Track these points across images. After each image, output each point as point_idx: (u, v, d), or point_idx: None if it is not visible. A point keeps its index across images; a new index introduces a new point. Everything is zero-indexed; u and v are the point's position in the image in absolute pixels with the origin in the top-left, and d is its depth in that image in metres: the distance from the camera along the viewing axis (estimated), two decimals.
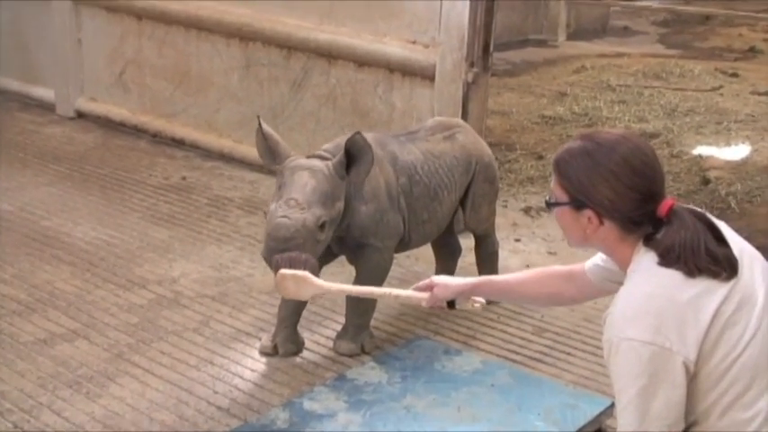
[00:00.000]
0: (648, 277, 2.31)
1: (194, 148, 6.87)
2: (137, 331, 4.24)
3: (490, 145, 6.83)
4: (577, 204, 2.38)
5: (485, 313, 4.49)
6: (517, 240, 5.43)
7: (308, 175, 3.65)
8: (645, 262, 2.34)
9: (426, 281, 2.93)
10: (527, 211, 5.90)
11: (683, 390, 2.25)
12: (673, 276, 2.28)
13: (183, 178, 6.35)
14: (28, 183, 6.15)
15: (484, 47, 5.30)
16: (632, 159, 2.33)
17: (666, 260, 2.30)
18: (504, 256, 4.87)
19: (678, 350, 2.22)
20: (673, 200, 2.36)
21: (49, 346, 4.08)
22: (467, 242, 4.71)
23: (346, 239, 3.91)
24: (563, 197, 2.41)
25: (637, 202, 2.33)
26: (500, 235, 5.09)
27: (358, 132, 3.65)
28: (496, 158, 6.62)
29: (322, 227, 3.60)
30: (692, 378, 2.26)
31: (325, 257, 4.05)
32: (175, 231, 5.42)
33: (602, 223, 2.37)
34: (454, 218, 4.46)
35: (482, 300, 2.92)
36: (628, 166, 2.32)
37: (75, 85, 7.60)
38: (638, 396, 2.24)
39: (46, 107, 7.78)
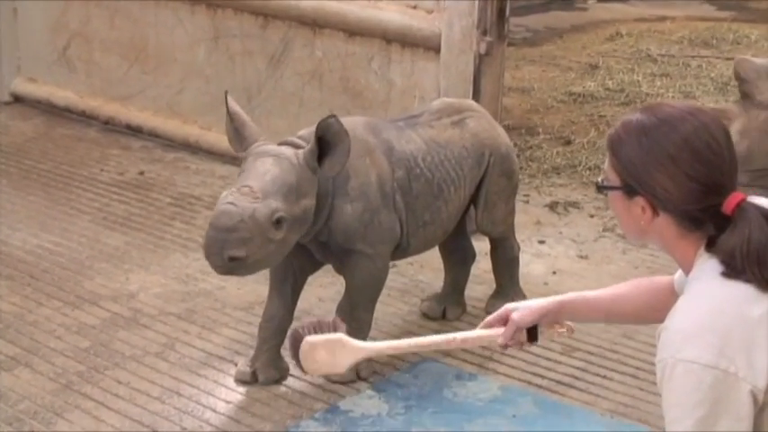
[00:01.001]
0: (712, 288, 2.28)
1: (154, 136, 6.87)
2: (88, 357, 4.25)
3: (508, 128, 6.89)
4: (629, 190, 2.35)
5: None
6: (541, 242, 5.44)
7: (271, 162, 3.69)
8: (708, 270, 2.30)
9: (499, 311, 2.75)
10: (553, 206, 5.91)
11: (749, 423, 2.22)
12: (741, 289, 2.25)
13: (141, 173, 6.36)
14: None
15: (499, 11, 5.31)
16: (695, 141, 2.28)
17: (730, 270, 2.26)
18: (525, 260, 4.88)
19: (745, 376, 2.19)
20: (742, 195, 2.30)
21: None
22: (481, 245, 4.72)
23: (329, 244, 3.92)
24: (615, 180, 2.38)
25: (696, 193, 2.29)
26: (521, 236, 5.09)
27: (332, 115, 3.67)
28: (515, 144, 6.65)
29: (278, 223, 3.61)
30: (759, 409, 2.23)
31: (310, 266, 4.07)
32: (132, 237, 5.42)
33: (656, 214, 2.34)
34: (465, 217, 4.47)
35: (570, 324, 2.78)
36: (688, 150, 2.27)
37: (11, 64, 7.59)
38: (694, 428, 2.21)
39: None
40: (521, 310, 2.71)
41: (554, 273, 5.08)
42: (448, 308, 4.60)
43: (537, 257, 5.26)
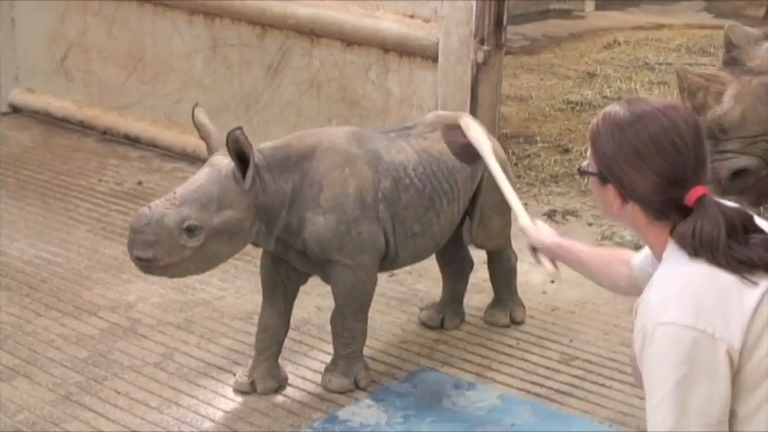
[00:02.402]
0: (683, 263, 2.46)
1: (152, 146, 6.88)
2: (87, 367, 4.25)
3: (506, 137, 6.92)
4: (602, 178, 2.58)
5: (501, 339, 4.51)
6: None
7: (205, 172, 3.78)
8: (678, 251, 2.48)
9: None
10: (551, 215, 5.92)
11: (727, 385, 2.36)
12: (710, 264, 2.43)
13: (140, 183, 6.37)
14: None
15: (496, 20, 5.32)
16: (661, 138, 2.47)
17: (691, 252, 2.44)
18: (523, 269, 4.88)
19: (721, 336, 2.34)
20: (704, 189, 2.49)
21: None
22: (480, 254, 4.73)
23: (308, 255, 3.94)
24: (592, 167, 2.61)
25: (658, 186, 2.49)
26: (519, 244, 5.07)
27: (238, 127, 3.68)
28: (513, 153, 6.68)
29: (190, 231, 3.65)
30: (736, 372, 2.37)
31: (295, 276, 4.08)
32: None
33: (625, 202, 2.56)
34: (462, 227, 4.47)
35: (557, 268, 3.36)
36: (655, 147, 2.47)
37: (9, 74, 7.61)
38: (676, 389, 2.35)
39: None
40: (545, 232, 3.37)
41: (552, 281, 5.08)
42: (446, 317, 4.60)
43: (535, 266, 5.23)
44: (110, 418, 3.89)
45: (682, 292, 2.40)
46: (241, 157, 3.71)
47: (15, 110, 7.63)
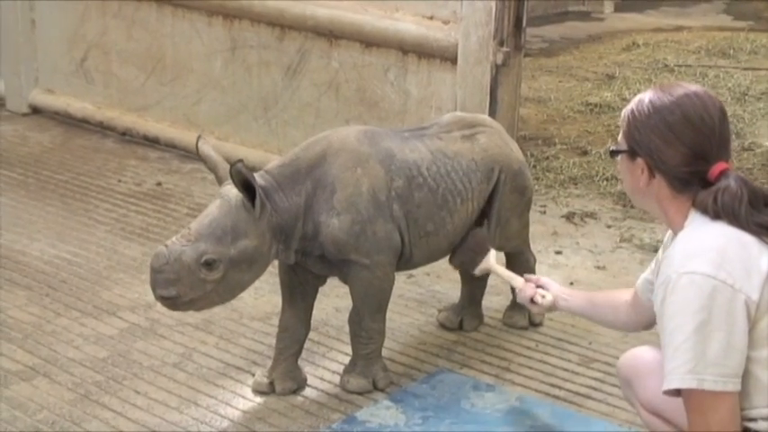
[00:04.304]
0: (706, 222, 2.67)
1: (171, 147, 6.91)
2: (106, 367, 4.27)
3: (524, 139, 6.92)
4: (632, 153, 2.80)
5: (520, 340, 4.51)
6: (558, 253, 5.44)
7: (217, 204, 3.79)
8: (700, 216, 2.70)
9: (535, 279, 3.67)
10: (570, 217, 5.91)
11: (744, 336, 2.51)
12: (731, 225, 2.64)
13: (159, 184, 6.39)
14: None
15: (515, 22, 5.33)
16: (691, 115, 2.71)
17: (713, 216, 2.64)
18: (542, 271, 4.88)
19: (741, 287, 2.51)
20: (727, 164, 2.71)
21: (2, 385, 4.11)
22: (498, 255, 4.71)
23: (327, 257, 3.95)
24: (623, 144, 2.85)
25: (685, 157, 2.71)
26: (538, 246, 5.10)
27: (239, 160, 3.69)
28: (532, 155, 6.68)
29: (208, 265, 3.67)
30: (751, 327, 2.51)
31: (313, 278, 4.09)
32: (150, 247, 5.44)
33: (653, 176, 2.77)
34: None
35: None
36: (685, 121, 2.71)
37: (29, 75, 7.65)
38: (695, 333, 2.49)
39: None
40: (548, 294, 3.55)
41: (571, 283, 5.08)
42: (465, 319, 4.60)
43: (554, 268, 5.26)
44: (129, 417, 3.91)
45: (705, 246, 2.58)
46: (247, 187, 3.73)
47: (35, 111, 7.67)
